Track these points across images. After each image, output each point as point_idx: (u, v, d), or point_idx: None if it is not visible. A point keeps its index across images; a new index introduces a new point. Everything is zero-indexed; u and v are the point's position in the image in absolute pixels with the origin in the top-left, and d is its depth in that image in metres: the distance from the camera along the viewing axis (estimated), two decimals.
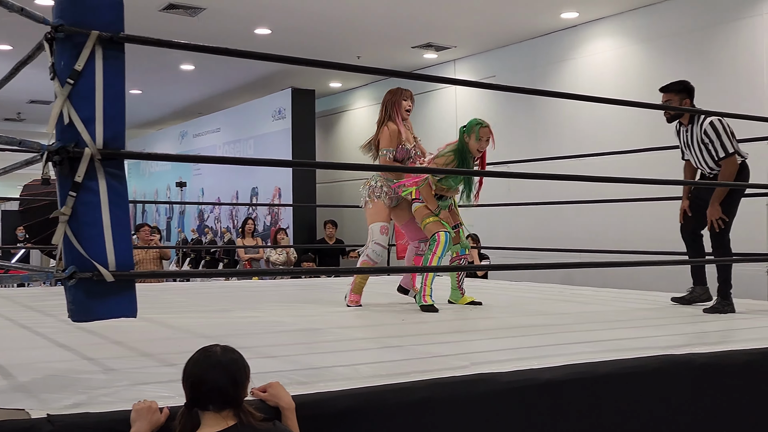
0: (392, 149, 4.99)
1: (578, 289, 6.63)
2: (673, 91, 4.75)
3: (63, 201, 2.40)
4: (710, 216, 4.53)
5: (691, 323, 4.23)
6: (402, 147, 5.01)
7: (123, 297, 2.48)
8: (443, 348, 3.32)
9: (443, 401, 2.51)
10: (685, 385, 3.05)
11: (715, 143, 4.52)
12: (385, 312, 4.73)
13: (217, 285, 7.28)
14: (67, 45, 2.41)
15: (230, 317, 4.53)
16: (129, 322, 2.63)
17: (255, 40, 10.21)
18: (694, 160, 4.73)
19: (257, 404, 2.13)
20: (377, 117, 5.22)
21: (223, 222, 15.43)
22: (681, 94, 4.72)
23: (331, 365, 2.81)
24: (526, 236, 9.53)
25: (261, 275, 9.76)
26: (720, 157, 4.51)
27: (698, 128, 4.59)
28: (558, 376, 2.75)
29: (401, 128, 5.03)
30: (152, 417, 2.00)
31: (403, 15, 9.23)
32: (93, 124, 2.41)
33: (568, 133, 9.43)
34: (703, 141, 4.57)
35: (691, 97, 4.75)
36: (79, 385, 2.43)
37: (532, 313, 4.80)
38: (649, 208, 7.80)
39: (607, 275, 8.04)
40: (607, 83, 8.94)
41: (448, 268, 5.17)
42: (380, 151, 5.04)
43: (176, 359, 2.82)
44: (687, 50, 8.19)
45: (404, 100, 5.02)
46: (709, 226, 4.56)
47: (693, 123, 4.66)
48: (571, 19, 9.19)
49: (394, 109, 5.07)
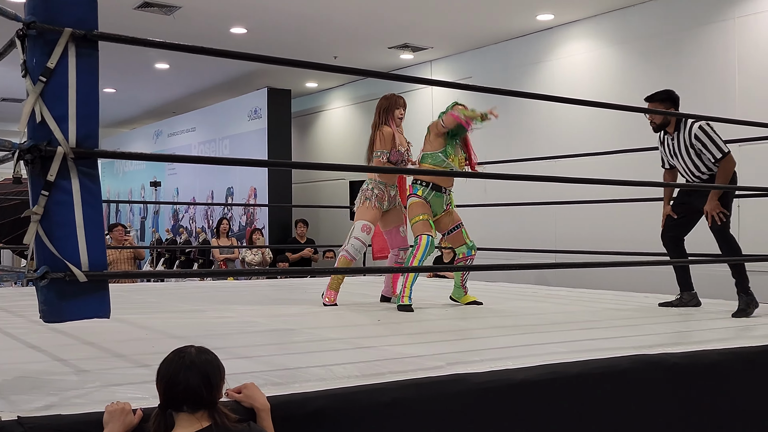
0: (386, 151, 5.04)
1: (553, 290, 6.68)
2: (658, 100, 4.76)
3: (35, 200, 2.37)
4: (711, 210, 4.53)
5: (663, 323, 4.27)
6: (396, 150, 5.04)
7: (96, 297, 2.45)
8: (418, 348, 3.32)
9: (418, 402, 2.52)
10: (658, 384, 3.08)
11: (709, 146, 4.53)
12: (360, 312, 4.73)
13: (191, 285, 7.23)
14: (40, 42, 2.38)
15: (205, 318, 4.50)
16: (101, 323, 2.60)
17: (231, 39, 10.16)
18: (682, 167, 4.73)
19: (232, 405, 2.12)
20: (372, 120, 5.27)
21: (198, 222, 15.33)
22: (665, 103, 4.72)
23: (305, 366, 2.81)
24: (501, 237, 9.57)
25: (236, 275, 9.71)
26: (718, 158, 4.53)
27: (686, 134, 4.60)
28: (532, 377, 2.77)
29: (396, 132, 5.07)
30: (125, 418, 1.98)
31: (379, 15, 9.23)
32: (66, 122, 2.38)
33: (543, 134, 9.49)
34: (693, 146, 4.57)
35: (676, 105, 4.76)
36: (50, 387, 2.40)
37: (507, 314, 4.82)
38: (624, 209, 7.87)
39: (582, 276, 8.10)
40: (582, 85, 9.01)
41: (421, 269, 5.18)
42: (374, 153, 5.07)
43: (149, 360, 2.80)
44: (660, 53, 8.28)
45: (397, 108, 5.10)
46: (710, 222, 4.56)
47: (679, 130, 4.66)
48: (546, 21, 9.25)
49: (388, 114, 5.12)
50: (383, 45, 10.55)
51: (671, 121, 4.70)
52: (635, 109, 4.66)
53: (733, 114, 6.99)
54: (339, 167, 4.73)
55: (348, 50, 10.79)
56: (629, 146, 6.95)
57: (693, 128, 4.58)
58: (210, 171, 14.66)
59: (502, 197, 8.86)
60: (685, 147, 4.62)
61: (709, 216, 4.57)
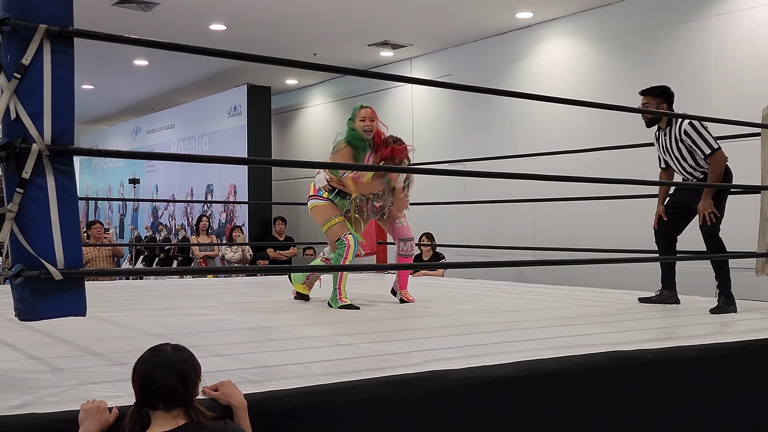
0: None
1: (531, 287, 6.71)
2: (652, 94, 4.78)
3: (9, 197, 2.36)
4: (703, 209, 4.55)
5: (640, 320, 4.31)
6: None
7: (72, 295, 2.44)
8: (395, 346, 3.33)
9: (395, 398, 2.53)
10: (633, 380, 3.11)
11: (698, 142, 4.54)
12: (338, 310, 4.72)
13: (170, 283, 7.19)
14: (14, 38, 2.36)
15: (182, 315, 4.49)
16: (77, 321, 2.59)
17: (210, 36, 10.11)
18: (674, 164, 4.74)
19: (209, 403, 2.12)
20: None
21: (177, 219, 15.25)
22: (659, 98, 4.74)
23: (283, 363, 2.80)
24: (480, 234, 9.61)
25: (216, 273, 9.67)
26: (707, 154, 4.54)
27: (677, 129, 4.62)
28: (509, 373, 2.79)
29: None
30: (101, 417, 1.98)
31: (359, 13, 9.23)
32: (41, 119, 2.37)
33: (522, 132, 9.53)
34: (683, 141, 4.58)
35: (669, 102, 4.78)
36: (25, 385, 2.39)
37: (484, 311, 4.85)
38: (602, 207, 7.93)
39: (561, 273, 8.15)
40: (561, 83, 9.07)
41: (397, 266, 5.19)
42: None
43: (125, 358, 2.79)
44: (638, 51, 8.35)
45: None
46: (701, 221, 4.58)
47: (671, 125, 4.69)
48: (526, 18, 9.29)
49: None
50: (363, 42, 10.55)
51: (663, 117, 4.71)
52: (613, 107, 4.67)
53: (710, 112, 7.07)
54: (319, 165, 4.72)
55: (328, 47, 10.78)
56: (607, 144, 7.00)
57: (683, 124, 4.60)
58: (189, 168, 14.59)
59: (481, 194, 8.89)
60: (676, 142, 4.64)
61: (700, 215, 4.59)
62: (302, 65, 3.22)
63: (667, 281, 4.93)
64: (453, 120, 10.75)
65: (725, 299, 4.58)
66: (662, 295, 4.92)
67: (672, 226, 4.87)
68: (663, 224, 4.88)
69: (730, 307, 4.55)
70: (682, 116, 4.61)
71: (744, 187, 5.05)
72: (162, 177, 15.78)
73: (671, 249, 4.90)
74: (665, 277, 4.93)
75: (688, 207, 4.76)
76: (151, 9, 9.02)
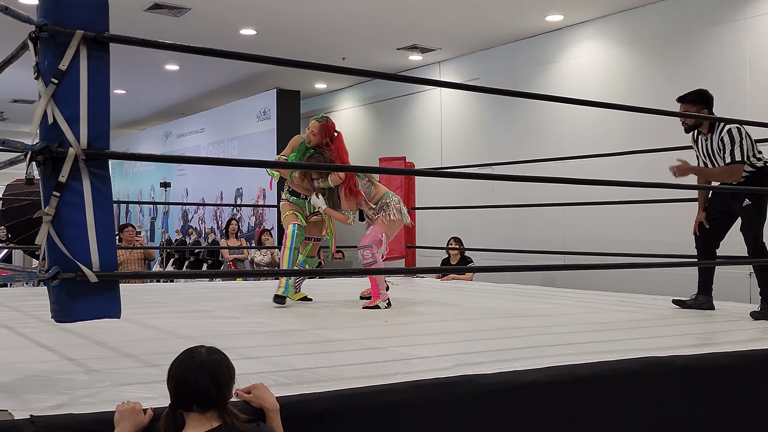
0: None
1: (559, 291, 6.67)
2: (690, 102, 4.64)
3: (47, 201, 2.39)
4: (677, 170, 4.56)
5: (673, 325, 4.26)
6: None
7: (106, 298, 2.47)
8: (424, 350, 3.33)
9: (426, 403, 2.53)
10: (666, 387, 3.07)
11: (727, 149, 4.45)
12: (367, 314, 4.73)
13: (200, 286, 7.25)
14: (52, 44, 2.40)
15: (212, 318, 4.52)
16: (110, 323, 2.62)
17: (240, 41, 10.19)
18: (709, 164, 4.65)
19: (241, 405, 2.13)
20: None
21: (207, 223, 15.37)
22: (698, 105, 4.62)
23: (313, 366, 2.81)
24: (509, 238, 9.57)
25: (245, 276, 9.73)
26: (727, 162, 4.47)
27: (717, 136, 4.53)
28: (541, 378, 2.77)
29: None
30: (136, 418, 2.00)
31: (388, 17, 9.24)
32: (77, 123, 2.40)
33: (551, 135, 9.48)
34: (720, 147, 4.51)
35: (709, 107, 4.65)
36: (60, 386, 2.42)
37: (514, 316, 4.82)
38: (632, 211, 7.85)
39: (590, 278, 8.09)
40: (591, 86, 9.00)
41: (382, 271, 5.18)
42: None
43: (159, 360, 2.82)
44: (669, 54, 8.27)
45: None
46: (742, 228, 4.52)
47: (713, 132, 4.57)
48: (556, 21, 9.24)
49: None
50: (392, 46, 10.57)
51: (704, 122, 4.59)
52: (644, 110, 4.59)
53: (744, 115, 6.98)
54: (346, 168, 4.74)
55: (356, 52, 10.81)
56: (637, 147, 6.94)
57: (724, 130, 4.49)
58: (219, 172, 14.69)
59: (509, 199, 8.86)
60: (718, 148, 4.53)
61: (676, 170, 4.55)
62: (331, 69, 3.23)
63: (704, 287, 4.84)
64: (481, 124, 10.72)
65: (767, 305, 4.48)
66: (697, 300, 4.83)
67: (713, 233, 4.76)
68: (704, 231, 4.78)
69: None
70: (724, 120, 4.49)
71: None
72: (192, 181, 15.92)
73: (711, 255, 4.80)
74: (703, 282, 4.83)
75: (730, 211, 4.67)
76: (182, 14, 9.12)
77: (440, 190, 10.44)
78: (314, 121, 5.06)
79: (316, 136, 5.03)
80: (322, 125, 5.04)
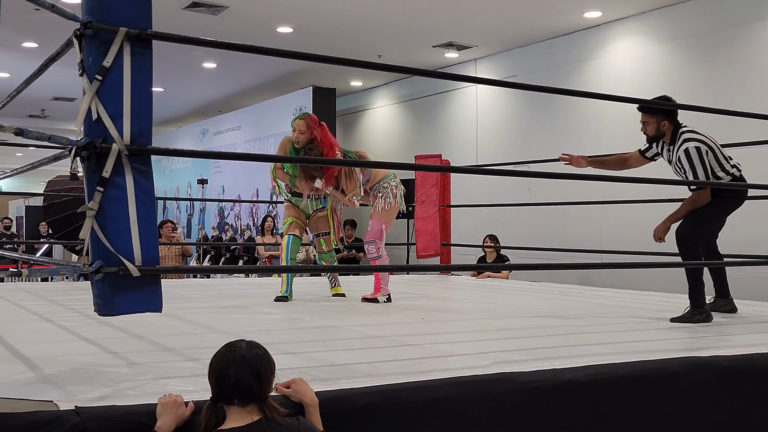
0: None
1: (597, 290, 6.60)
2: (649, 113, 4.36)
3: (90, 196, 2.43)
4: (655, 233, 4.39)
5: (714, 325, 4.19)
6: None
7: (148, 292, 2.50)
8: (462, 347, 3.32)
9: (463, 400, 2.52)
10: (708, 388, 3.03)
11: (689, 173, 4.23)
12: (403, 311, 4.73)
13: (236, 282, 7.31)
14: (96, 42, 2.44)
15: (250, 313, 4.56)
16: (150, 317, 2.66)
17: (277, 38, 10.25)
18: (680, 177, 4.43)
19: (281, 400, 2.14)
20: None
21: (243, 219, 15.49)
22: (658, 116, 4.33)
23: (351, 362, 2.82)
24: (546, 237, 9.50)
25: (280, 272, 9.79)
26: (690, 189, 4.29)
27: (675, 149, 4.29)
28: (579, 377, 2.75)
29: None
30: (177, 411, 2.02)
31: (424, 14, 9.22)
32: (120, 119, 2.43)
33: (589, 133, 9.38)
34: (679, 164, 4.29)
35: (671, 118, 4.35)
36: (104, 378, 2.46)
37: (551, 314, 4.79)
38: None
39: (627, 276, 8.00)
40: (629, 83, 8.89)
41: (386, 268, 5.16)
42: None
43: (198, 354, 2.85)
44: (710, 50, 8.13)
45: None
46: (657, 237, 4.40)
47: (673, 143, 4.32)
48: (594, 18, 9.15)
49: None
50: (428, 44, 10.55)
51: (666, 132, 4.35)
52: (684, 107, 4.49)
53: None
54: (384, 165, 4.76)
55: (392, 49, 10.81)
56: None
57: (681, 148, 4.22)
58: (255, 169, 14.80)
59: (546, 197, 8.79)
60: (678, 166, 4.31)
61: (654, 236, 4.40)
62: (368, 65, 3.23)
63: (721, 290, 4.71)
64: (517, 121, 10.65)
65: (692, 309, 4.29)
66: (715, 302, 4.69)
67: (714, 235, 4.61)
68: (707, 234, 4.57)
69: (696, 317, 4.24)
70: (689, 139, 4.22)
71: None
72: (228, 178, 16.05)
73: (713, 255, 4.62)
74: (719, 286, 4.71)
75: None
76: (219, 12, 9.19)
77: (476, 188, 10.39)
78: (298, 120, 5.04)
79: (305, 134, 5.02)
80: (306, 122, 5.03)
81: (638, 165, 4.69)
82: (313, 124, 5.03)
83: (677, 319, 4.25)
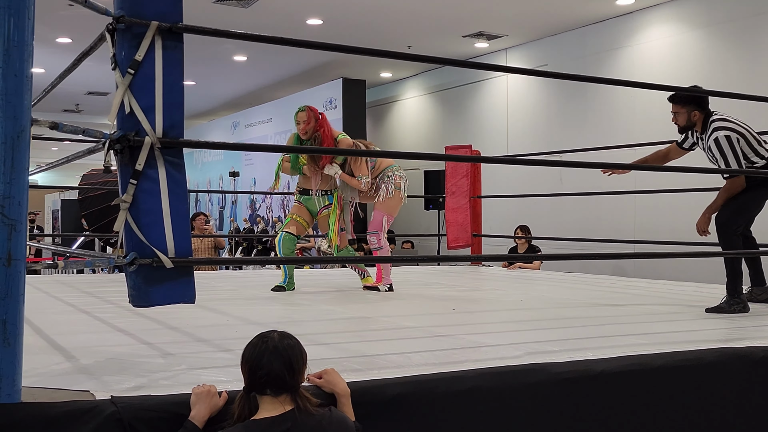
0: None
1: (630, 281, 6.54)
2: (680, 103, 4.33)
3: (124, 189, 2.45)
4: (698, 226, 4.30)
5: (751, 316, 4.13)
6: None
7: (182, 283, 2.52)
8: (493, 338, 3.31)
9: (496, 391, 2.51)
10: (744, 379, 2.98)
11: (720, 161, 4.19)
12: (434, 301, 4.73)
13: (268, 273, 7.36)
14: (128, 35, 2.46)
15: (281, 304, 4.58)
16: (183, 309, 2.68)
17: (306, 30, 10.27)
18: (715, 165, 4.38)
19: (313, 390, 2.15)
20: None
21: (274, 212, 15.58)
22: (688, 106, 4.30)
23: (383, 353, 2.83)
24: (578, 227, 9.43)
25: (312, 264, 9.84)
26: (724, 177, 4.25)
27: (706, 138, 4.25)
28: (612, 368, 2.72)
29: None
30: (211, 400, 2.04)
31: (453, 4, 9.18)
32: (153, 113, 2.45)
33: (622, 122, 9.28)
34: (710, 153, 4.26)
35: (702, 107, 4.31)
36: (138, 369, 2.49)
37: (584, 305, 4.75)
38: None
39: (662, 266, 7.91)
40: (663, 71, 8.77)
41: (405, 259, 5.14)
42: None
43: (231, 345, 2.88)
44: (745, 37, 7.99)
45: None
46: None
47: (704, 132, 4.29)
48: (626, 5, 9.04)
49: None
50: (458, 34, 10.50)
51: (697, 122, 4.32)
52: (719, 94, 4.38)
53: None
54: (414, 155, 4.76)
55: (422, 40, 10.78)
56: None
57: (711, 137, 4.19)
58: None
59: (578, 187, 8.71)
60: (711, 155, 4.28)
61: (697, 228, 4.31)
62: (397, 56, 3.22)
63: (757, 279, 4.64)
64: (548, 111, 10.56)
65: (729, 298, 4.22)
66: (752, 293, 4.62)
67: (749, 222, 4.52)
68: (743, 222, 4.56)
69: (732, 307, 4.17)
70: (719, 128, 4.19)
71: None
72: (260, 170, 16.15)
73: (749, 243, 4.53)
74: (750, 271, 4.63)
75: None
76: (249, 5, 9.23)
77: (507, 179, 10.34)
78: (300, 113, 5.07)
79: (309, 123, 5.04)
80: (307, 112, 5.06)
81: (678, 157, 4.66)
82: (315, 114, 5.09)
83: (713, 309, 4.19)
